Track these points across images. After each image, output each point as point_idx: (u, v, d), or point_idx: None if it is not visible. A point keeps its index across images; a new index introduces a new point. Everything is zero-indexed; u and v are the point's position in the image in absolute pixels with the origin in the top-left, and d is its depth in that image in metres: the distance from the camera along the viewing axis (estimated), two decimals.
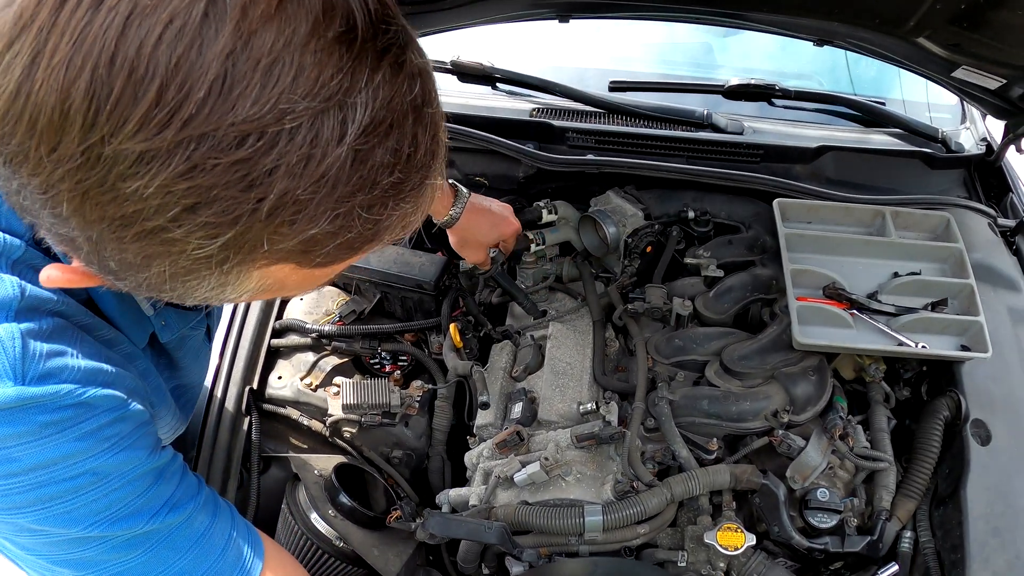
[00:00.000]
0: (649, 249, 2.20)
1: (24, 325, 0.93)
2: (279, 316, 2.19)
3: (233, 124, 0.65)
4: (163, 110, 0.64)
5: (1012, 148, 2.42)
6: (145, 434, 1.07)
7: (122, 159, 0.66)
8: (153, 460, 1.07)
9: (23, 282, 0.95)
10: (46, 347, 0.94)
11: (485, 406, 1.92)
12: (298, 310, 2.21)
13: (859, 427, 1.84)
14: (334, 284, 2.32)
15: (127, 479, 1.02)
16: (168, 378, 1.34)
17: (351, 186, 0.72)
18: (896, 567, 1.68)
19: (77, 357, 0.98)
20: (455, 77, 2.69)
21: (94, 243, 0.73)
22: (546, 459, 1.68)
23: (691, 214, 2.22)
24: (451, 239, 1.97)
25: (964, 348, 1.87)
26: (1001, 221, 2.33)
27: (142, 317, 1.18)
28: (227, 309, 2.11)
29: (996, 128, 2.51)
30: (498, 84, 2.69)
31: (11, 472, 0.93)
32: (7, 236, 0.97)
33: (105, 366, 1.02)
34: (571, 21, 2.28)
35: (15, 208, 0.79)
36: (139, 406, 1.06)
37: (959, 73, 2.13)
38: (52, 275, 0.88)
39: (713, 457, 1.79)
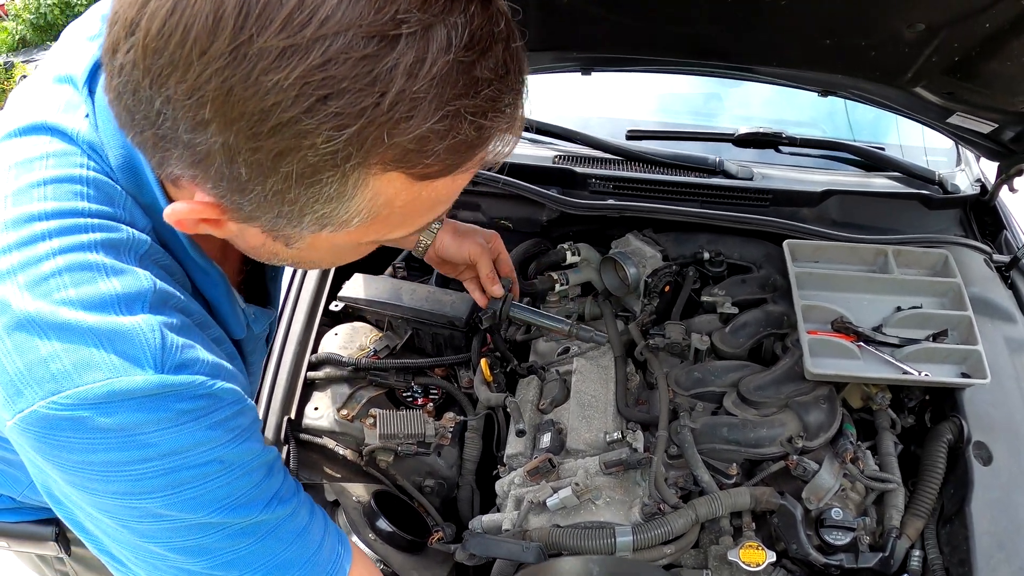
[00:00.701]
0: (667, 289, 2.26)
1: (160, 317, 0.97)
2: (315, 350, 2.23)
3: (361, 26, 0.76)
4: (304, 12, 0.75)
5: (1005, 188, 2.49)
6: (258, 428, 1.12)
7: (266, 54, 0.76)
8: (266, 454, 1.11)
9: (153, 276, 1.00)
10: (180, 340, 0.97)
11: (521, 433, 1.97)
12: (333, 345, 2.24)
13: (868, 451, 1.91)
14: (367, 320, 2.37)
15: (247, 468, 1.05)
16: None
17: (457, 89, 0.81)
18: None
19: (204, 352, 1.01)
20: None
21: (229, 148, 0.81)
22: (577, 484, 1.74)
23: (706, 255, 2.29)
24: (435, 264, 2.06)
25: (964, 375, 1.93)
26: (996, 257, 2.40)
27: (238, 310, 1.23)
28: None
29: (990, 169, 2.60)
30: (523, 132, 2.77)
31: (147, 457, 0.95)
32: (134, 231, 1.02)
33: (224, 362, 1.06)
34: (592, 73, 2.39)
35: (147, 146, 0.89)
36: (252, 402, 1.10)
37: (954, 119, 2.23)
38: (178, 208, 0.94)
39: (732, 481, 1.86)
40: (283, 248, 1.03)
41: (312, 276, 2.35)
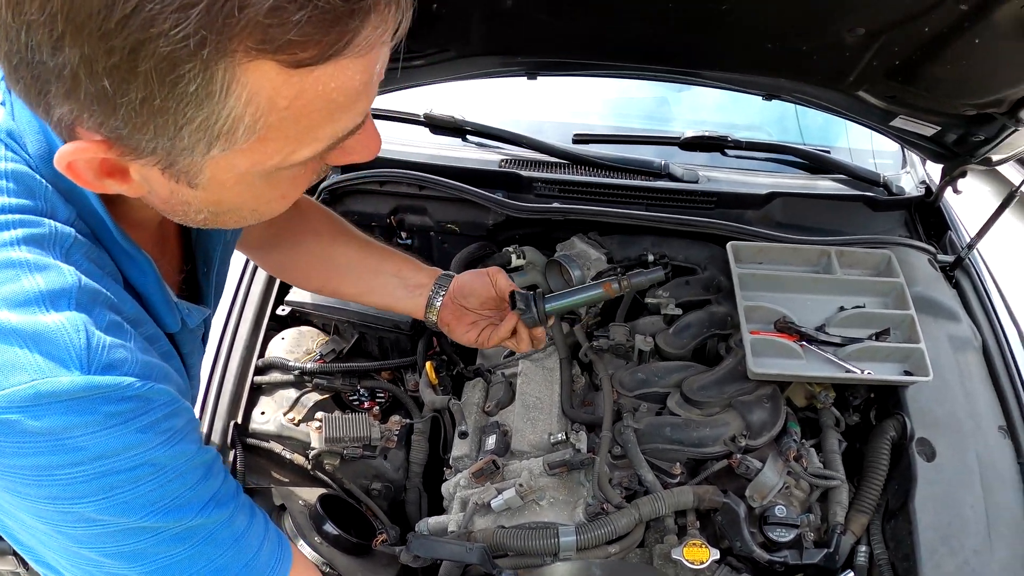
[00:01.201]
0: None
1: (86, 315, 0.93)
2: (262, 354, 2.23)
3: None
4: None
5: (950, 189, 2.53)
6: (194, 429, 1.07)
7: None
8: (202, 455, 1.07)
9: (79, 272, 0.96)
10: (108, 339, 0.94)
11: (464, 435, 1.99)
12: (280, 349, 2.25)
13: (812, 449, 1.94)
14: (314, 325, 2.38)
15: (180, 471, 1.02)
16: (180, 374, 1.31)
17: None
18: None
19: (134, 351, 0.97)
20: (428, 129, 2.77)
21: (87, 60, 0.76)
22: (521, 485, 1.76)
23: (651, 257, 2.31)
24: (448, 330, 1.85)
25: (907, 373, 1.97)
26: (941, 257, 2.44)
27: (171, 302, 1.18)
28: (212, 342, 2.13)
29: (935, 171, 2.64)
30: (469, 136, 2.78)
31: (77, 461, 0.92)
32: (57, 224, 0.98)
33: (156, 361, 1.02)
34: (538, 78, 2.39)
35: (31, 96, 0.84)
36: (187, 403, 1.06)
37: (897, 122, 2.26)
38: (65, 149, 0.88)
39: (677, 480, 1.88)
40: (191, 192, 0.96)
41: (260, 280, 2.35)
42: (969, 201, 2.74)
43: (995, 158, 2.31)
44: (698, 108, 3.29)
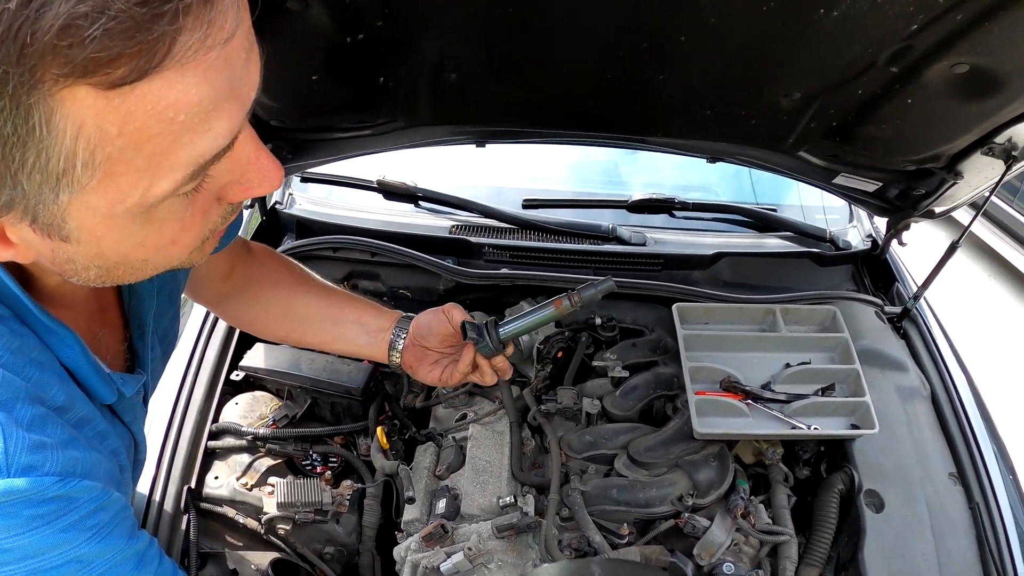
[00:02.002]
0: (560, 355, 2.32)
1: (4, 413, 0.91)
2: (215, 419, 2.24)
3: None
4: None
5: (895, 242, 2.59)
6: (123, 519, 1.06)
7: None
8: (132, 545, 1.06)
9: None
10: (27, 438, 0.91)
11: (411, 501, 2.00)
12: (234, 414, 2.26)
13: (761, 505, 1.95)
14: (267, 389, 2.39)
15: (109, 564, 1.02)
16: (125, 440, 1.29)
17: None
18: None
19: (55, 448, 0.95)
20: (381, 195, 2.81)
21: None
22: (469, 549, 1.77)
23: (598, 320, 2.35)
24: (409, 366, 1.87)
25: (854, 426, 1.99)
26: (888, 308, 2.48)
27: (103, 374, 1.14)
28: (166, 408, 2.15)
29: (882, 224, 2.67)
30: (420, 202, 2.81)
31: (4, 561, 0.91)
32: None
33: (80, 454, 1.00)
34: (488, 145, 2.43)
35: None
36: (116, 493, 1.04)
37: (839, 179, 2.31)
38: None
39: (625, 541, 1.88)
40: (69, 247, 0.89)
41: (214, 345, 2.36)
42: (921, 244, 2.78)
43: (937, 210, 2.35)
44: (650, 170, 3.33)
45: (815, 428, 1.95)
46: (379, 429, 2.20)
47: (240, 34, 0.79)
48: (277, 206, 2.75)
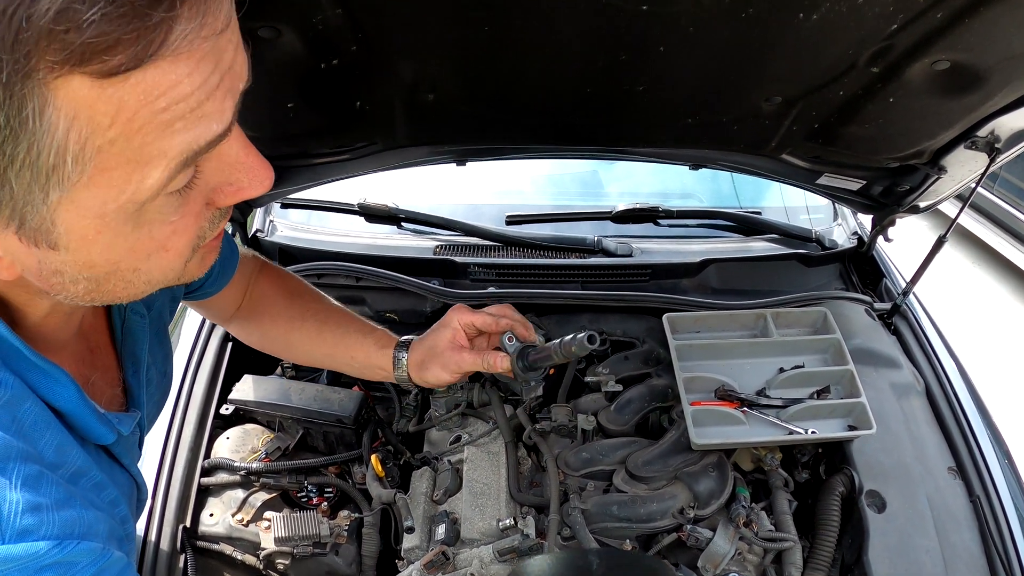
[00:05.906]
0: (552, 371, 2.25)
1: None
2: (207, 455, 2.21)
3: None
4: None
5: (881, 238, 2.59)
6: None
7: None
8: None
9: None
10: (23, 501, 0.88)
11: (410, 530, 1.98)
12: (225, 449, 2.23)
13: (763, 513, 1.94)
14: (258, 422, 2.36)
15: None
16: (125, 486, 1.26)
17: None
18: None
19: (51, 509, 0.91)
20: (363, 218, 2.78)
21: None
22: (472, 575, 1.76)
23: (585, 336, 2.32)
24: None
25: (851, 428, 1.99)
26: (878, 305, 2.49)
27: (98, 414, 1.11)
28: (157, 445, 2.13)
29: (867, 221, 2.69)
30: (403, 224, 2.78)
31: None
32: None
33: (78, 513, 0.96)
34: (467, 164, 2.41)
35: None
36: (117, 552, 1.00)
37: (823, 180, 2.30)
38: None
39: None
40: (57, 257, 0.86)
41: (202, 379, 2.33)
42: (905, 237, 2.77)
43: (922, 205, 2.35)
44: (631, 178, 3.32)
45: (813, 432, 1.95)
46: (373, 457, 2.18)
47: (232, 27, 0.79)
48: (259, 234, 2.72)
